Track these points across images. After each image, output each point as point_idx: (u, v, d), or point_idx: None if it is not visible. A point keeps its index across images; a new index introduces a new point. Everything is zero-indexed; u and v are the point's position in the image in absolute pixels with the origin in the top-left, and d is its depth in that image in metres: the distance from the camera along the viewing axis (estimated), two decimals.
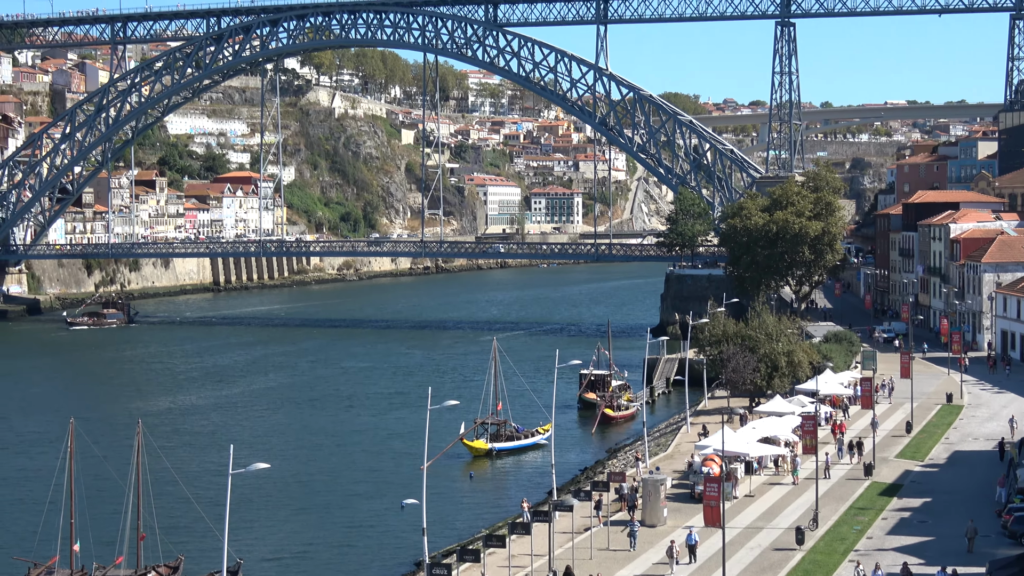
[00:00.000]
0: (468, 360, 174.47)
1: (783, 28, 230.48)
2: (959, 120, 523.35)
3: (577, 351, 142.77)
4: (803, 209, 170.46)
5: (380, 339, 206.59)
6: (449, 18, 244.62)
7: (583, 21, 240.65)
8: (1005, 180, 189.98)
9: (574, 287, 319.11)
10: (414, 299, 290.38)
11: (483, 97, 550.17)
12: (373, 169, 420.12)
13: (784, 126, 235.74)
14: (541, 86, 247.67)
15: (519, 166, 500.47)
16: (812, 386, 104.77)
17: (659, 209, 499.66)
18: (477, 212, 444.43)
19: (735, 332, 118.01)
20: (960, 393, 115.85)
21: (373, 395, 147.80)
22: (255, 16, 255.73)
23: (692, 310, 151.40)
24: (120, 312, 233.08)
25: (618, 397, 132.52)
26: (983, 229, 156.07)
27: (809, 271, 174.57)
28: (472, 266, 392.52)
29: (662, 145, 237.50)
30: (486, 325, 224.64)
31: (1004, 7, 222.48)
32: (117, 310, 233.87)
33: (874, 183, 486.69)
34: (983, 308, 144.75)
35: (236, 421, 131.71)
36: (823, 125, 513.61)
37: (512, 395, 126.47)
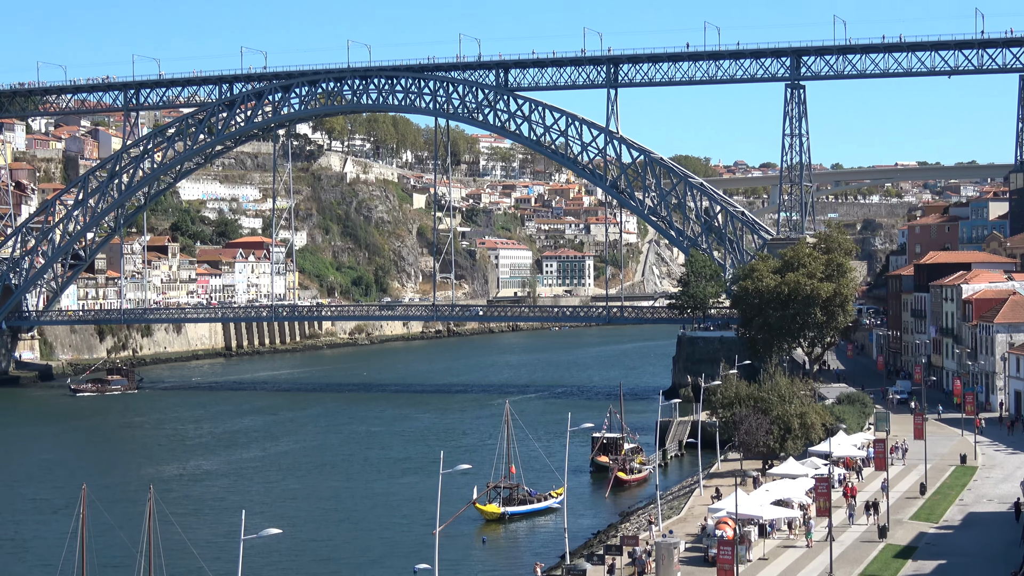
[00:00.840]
0: (480, 424, 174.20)
1: (793, 90, 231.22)
2: (970, 181, 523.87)
3: (589, 414, 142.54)
4: (815, 271, 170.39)
5: (392, 403, 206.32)
6: (460, 83, 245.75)
7: (593, 85, 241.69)
8: (1016, 240, 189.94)
9: (586, 350, 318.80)
10: (426, 363, 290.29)
11: (494, 161, 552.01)
12: (385, 233, 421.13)
13: (795, 188, 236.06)
14: (552, 149, 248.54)
15: (530, 229, 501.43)
16: (825, 448, 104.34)
17: (671, 271, 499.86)
18: (488, 275, 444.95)
19: (747, 394, 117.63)
20: (974, 454, 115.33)
21: (385, 459, 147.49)
22: (267, 82, 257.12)
23: (704, 372, 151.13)
24: (125, 379, 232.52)
25: (631, 460, 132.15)
26: (995, 290, 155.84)
27: (821, 332, 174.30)
28: (484, 329, 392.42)
29: (673, 207, 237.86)
30: (498, 388, 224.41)
31: (1013, 68, 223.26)
32: (122, 376, 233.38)
33: (885, 244, 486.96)
34: (996, 368, 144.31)
35: (247, 486, 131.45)
36: (834, 186, 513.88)
37: (524, 459, 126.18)
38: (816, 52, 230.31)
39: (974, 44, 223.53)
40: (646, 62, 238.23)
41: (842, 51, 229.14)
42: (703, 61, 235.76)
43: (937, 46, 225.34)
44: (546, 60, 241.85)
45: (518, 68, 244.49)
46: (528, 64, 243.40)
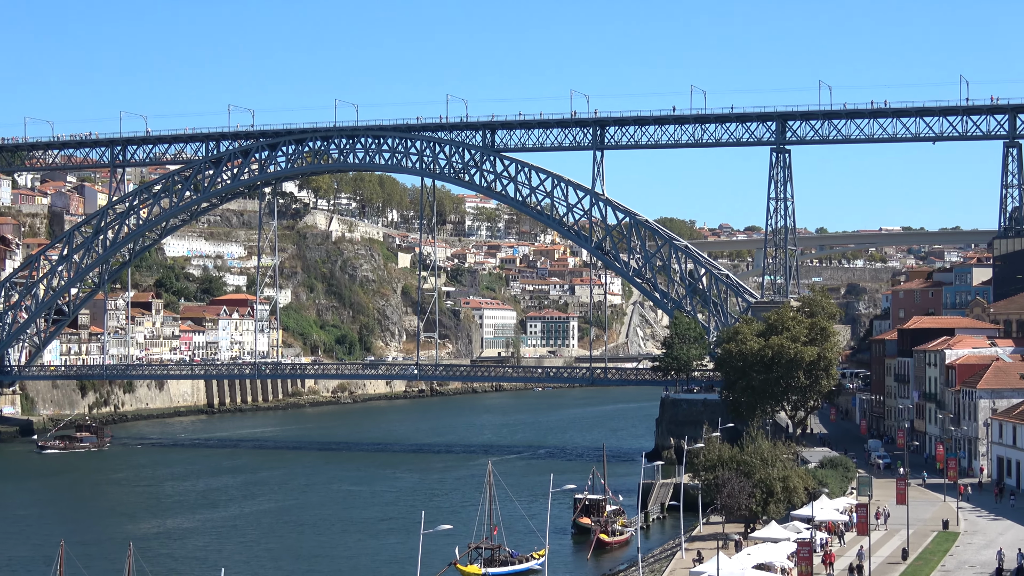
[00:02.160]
0: (462, 484, 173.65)
1: (778, 155, 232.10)
2: (954, 246, 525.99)
3: (572, 475, 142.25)
4: (798, 334, 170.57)
5: (373, 462, 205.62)
6: (447, 143, 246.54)
7: (580, 147, 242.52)
8: (1000, 306, 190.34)
9: (569, 411, 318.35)
10: (408, 422, 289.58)
11: (480, 221, 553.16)
12: (369, 292, 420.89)
13: (779, 251, 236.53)
14: (538, 210, 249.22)
15: (515, 289, 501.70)
16: (808, 512, 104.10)
17: (655, 333, 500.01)
18: (472, 335, 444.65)
19: (730, 457, 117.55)
20: (957, 520, 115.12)
21: (366, 519, 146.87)
22: (254, 140, 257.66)
23: (687, 434, 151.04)
24: (94, 436, 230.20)
25: (613, 522, 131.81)
26: (978, 355, 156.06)
27: (804, 396, 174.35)
28: (467, 389, 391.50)
29: (658, 270, 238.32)
30: (480, 449, 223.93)
31: (997, 135, 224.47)
32: (91, 433, 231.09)
33: (869, 308, 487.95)
34: (979, 434, 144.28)
35: (226, 545, 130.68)
36: (818, 250, 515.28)
37: (506, 519, 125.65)
38: (802, 116, 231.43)
39: (959, 111, 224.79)
40: (632, 124, 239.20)
41: (827, 116, 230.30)
42: (689, 124, 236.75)
43: (922, 112, 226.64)
44: (533, 122, 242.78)
45: (505, 129, 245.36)
46: (515, 125, 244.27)
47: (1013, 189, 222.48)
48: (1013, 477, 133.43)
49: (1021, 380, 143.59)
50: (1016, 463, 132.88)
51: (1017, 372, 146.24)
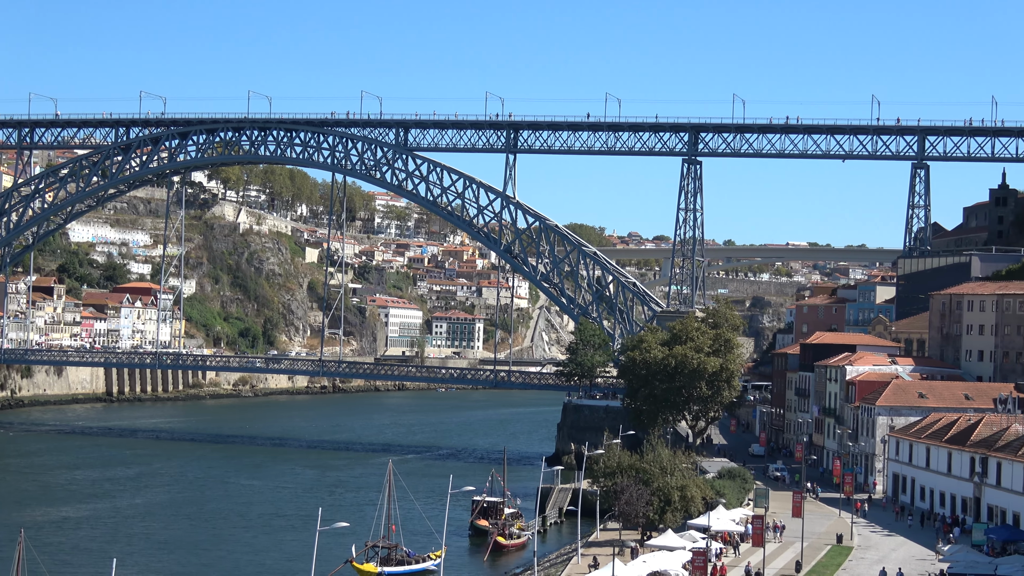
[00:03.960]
0: (362, 482, 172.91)
1: (689, 166, 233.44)
2: (859, 264, 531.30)
3: (471, 477, 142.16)
4: (702, 345, 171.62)
5: (273, 457, 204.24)
6: (359, 139, 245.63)
7: (493, 149, 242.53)
8: (902, 325, 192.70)
9: (472, 412, 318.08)
10: (309, 418, 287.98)
11: (389, 219, 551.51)
12: (275, 286, 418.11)
13: (687, 262, 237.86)
14: (448, 211, 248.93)
15: (422, 289, 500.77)
16: (704, 521, 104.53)
17: (560, 338, 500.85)
18: (377, 333, 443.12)
19: (630, 464, 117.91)
20: (851, 534, 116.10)
21: (262, 514, 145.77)
22: (164, 128, 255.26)
23: (588, 441, 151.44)
24: None
25: (510, 525, 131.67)
26: (879, 372, 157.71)
27: (706, 407, 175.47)
28: (370, 387, 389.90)
29: (565, 275, 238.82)
30: (381, 447, 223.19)
31: (906, 156, 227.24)
32: None
33: (773, 322, 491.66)
34: (876, 451, 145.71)
35: (119, 536, 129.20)
36: (725, 263, 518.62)
37: (405, 519, 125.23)
38: (714, 129, 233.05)
39: (869, 130, 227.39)
40: (546, 129, 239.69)
41: (740, 129, 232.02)
42: (603, 131, 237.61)
43: (833, 130, 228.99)
44: (447, 122, 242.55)
45: (418, 128, 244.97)
46: (428, 125, 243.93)
47: (919, 209, 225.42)
48: (908, 494, 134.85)
49: (920, 398, 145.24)
50: (911, 480, 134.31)
51: (916, 390, 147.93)
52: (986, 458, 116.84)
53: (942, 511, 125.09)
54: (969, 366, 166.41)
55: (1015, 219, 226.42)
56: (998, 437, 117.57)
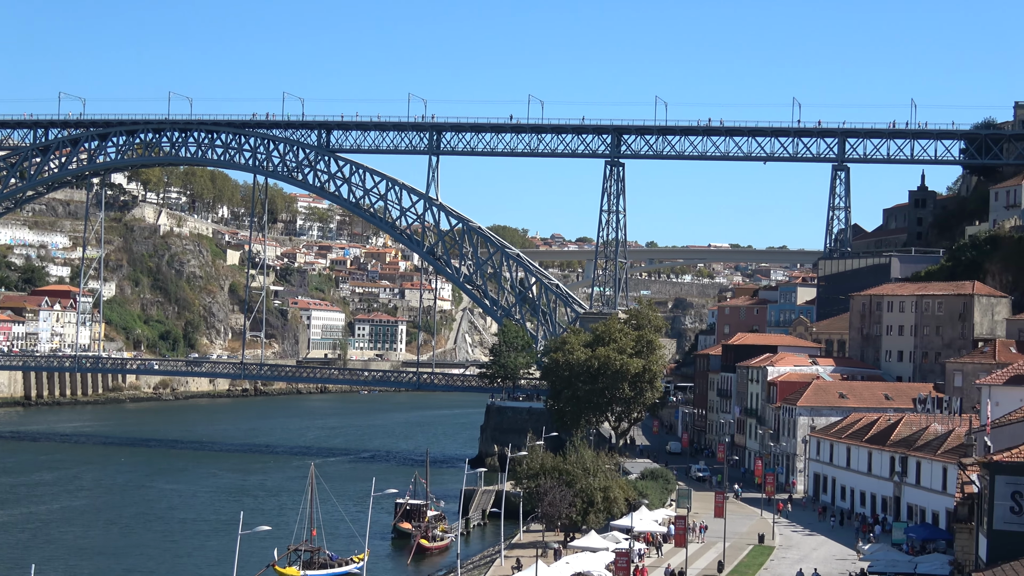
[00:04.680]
0: (284, 485, 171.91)
1: (612, 168, 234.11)
2: (780, 265, 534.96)
3: (394, 480, 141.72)
4: (625, 346, 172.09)
5: (194, 461, 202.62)
6: (281, 141, 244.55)
7: (415, 151, 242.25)
8: (822, 326, 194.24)
9: (395, 415, 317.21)
10: (231, 421, 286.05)
11: (312, 221, 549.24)
12: (196, 288, 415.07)
13: (609, 263, 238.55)
14: (370, 213, 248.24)
15: (344, 291, 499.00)
16: (627, 522, 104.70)
17: (483, 340, 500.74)
18: (300, 336, 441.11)
19: (553, 466, 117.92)
20: (772, 534, 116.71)
21: (184, 518, 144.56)
22: (84, 129, 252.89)
23: (511, 442, 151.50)
24: None
25: (433, 527, 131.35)
26: (799, 373, 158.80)
27: (628, 408, 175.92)
28: (292, 390, 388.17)
29: (488, 277, 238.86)
30: (303, 450, 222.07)
31: (827, 158, 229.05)
32: None
33: (695, 323, 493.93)
34: (797, 451, 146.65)
35: (38, 542, 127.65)
36: (648, 264, 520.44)
37: (327, 522, 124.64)
38: (637, 131, 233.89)
39: (790, 132, 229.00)
40: (469, 131, 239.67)
41: (662, 131, 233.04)
42: (526, 133, 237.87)
43: (754, 132, 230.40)
44: (369, 123, 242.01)
45: (341, 129, 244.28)
46: (351, 126, 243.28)
47: (840, 211, 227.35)
48: (828, 493, 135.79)
49: (840, 399, 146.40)
50: (832, 480, 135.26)
51: (836, 391, 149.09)
52: (906, 457, 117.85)
53: (862, 510, 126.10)
54: (889, 366, 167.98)
55: (934, 220, 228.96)
56: (917, 437, 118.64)
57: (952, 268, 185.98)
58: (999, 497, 61.52)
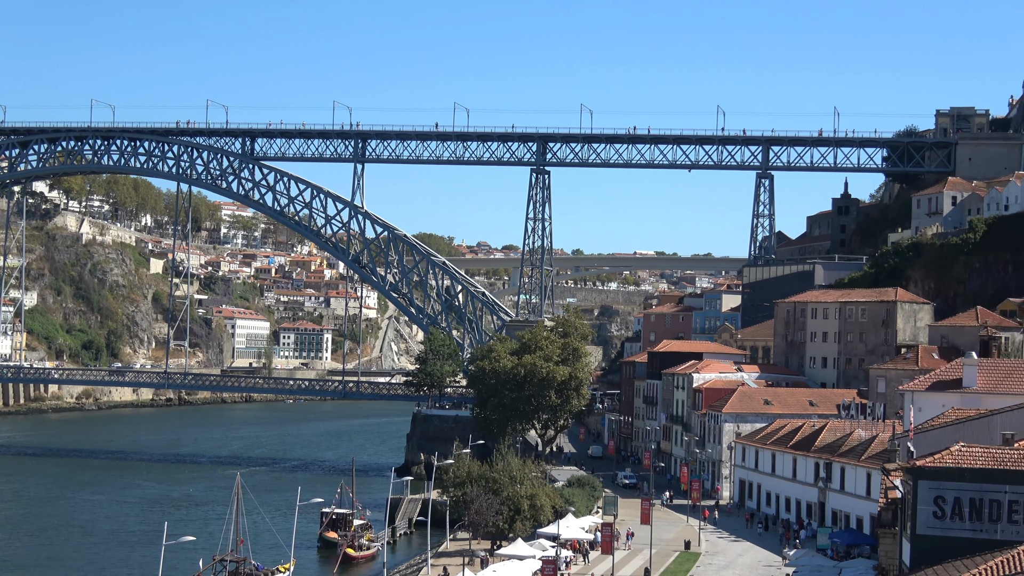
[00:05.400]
0: (209, 495, 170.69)
1: (538, 175, 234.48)
2: (705, 272, 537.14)
3: (320, 489, 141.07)
4: (551, 354, 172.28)
5: (117, 471, 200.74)
6: (205, 148, 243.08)
7: (341, 159, 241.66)
8: (747, 333, 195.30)
9: (320, 424, 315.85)
10: (155, 431, 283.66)
11: (236, 229, 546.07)
12: (119, 297, 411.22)
13: (535, 271, 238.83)
14: (295, 221, 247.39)
15: (269, 300, 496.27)
16: (554, 530, 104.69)
17: (409, 348, 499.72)
18: (224, 344, 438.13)
19: (479, 474, 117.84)
20: (698, 540, 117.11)
21: (107, 529, 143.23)
22: (4, 137, 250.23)
23: (437, 451, 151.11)
24: None
25: (359, 536, 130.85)
26: (725, 380, 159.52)
27: (555, 415, 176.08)
28: (216, 399, 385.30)
29: (414, 285, 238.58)
30: (228, 460, 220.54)
31: (751, 166, 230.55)
32: None
33: (621, 331, 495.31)
34: (723, 457, 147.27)
35: None
36: (574, 272, 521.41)
37: (253, 532, 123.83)
38: (562, 139, 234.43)
39: (715, 140, 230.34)
40: (394, 139, 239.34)
41: (587, 139, 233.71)
42: (451, 141, 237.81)
43: (679, 140, 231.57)
44: (294, 131, 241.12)
45: (265, 137, 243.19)
46: (275, 134, 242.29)
47: (764, 219, 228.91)
48: (754, 499, 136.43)
49: (765, 405, 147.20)
50: (757, 486, 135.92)
51: (761, 397, 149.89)
52: (830, 463, 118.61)
53: (787, 516, 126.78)
54: (813, 373, 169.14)
55: (857, 228, 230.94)
56: (841, 443, 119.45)
57: (875, 275, 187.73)
58: (922, 502, 61.93)
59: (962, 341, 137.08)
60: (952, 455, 63.15)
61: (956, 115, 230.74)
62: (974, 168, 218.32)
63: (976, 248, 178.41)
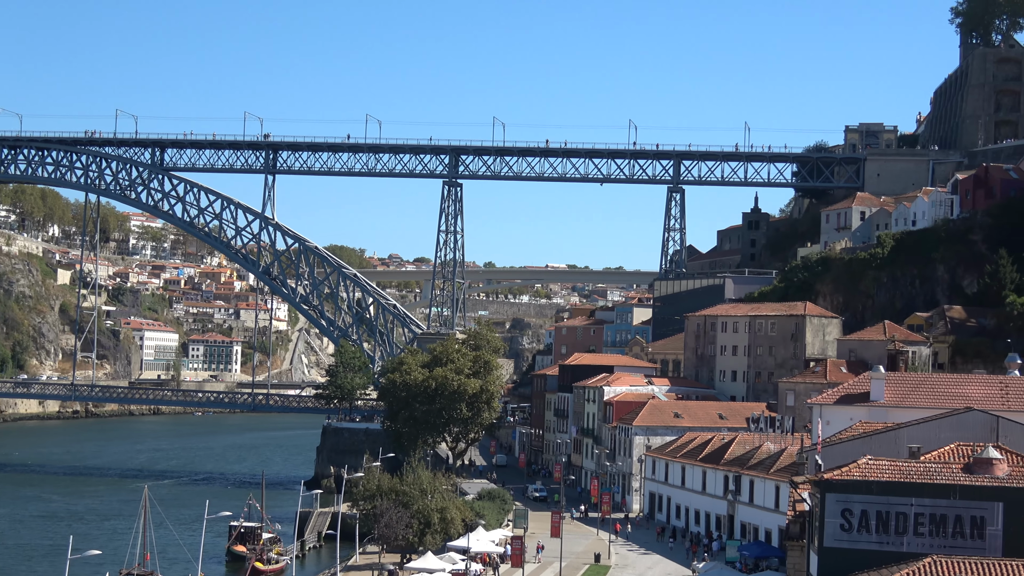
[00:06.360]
0: (115, 509, 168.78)
1: (450, 188, 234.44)
2: (616, 286, 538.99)
3: (229, 502, 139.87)
4: (462, 367, 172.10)
5: (21, 484, 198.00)
6: (114, 159, 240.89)
7: (251, 170, 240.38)
8: (658, 346, 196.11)
9: (229, 437, 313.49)
10: (61, 443, 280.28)
11: (145, 240, 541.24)
12: (25, 308, 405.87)
13: (447, 284, 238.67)
14: (205, 232, 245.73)
15: (178, 312, 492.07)
16: (464, 543, 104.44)
17: (319, 361, 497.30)
18: (132, 356, 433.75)
19: (389, 487, 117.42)
20: (608, 553, 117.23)
21: (9, 544, 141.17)
22: None
23: (348, 464, 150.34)
24: None
25: (268, 550, 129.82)
26: (635, 393, 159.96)
27: (466, 428, 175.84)
28: (124, 412, 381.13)
29: (325, 297, 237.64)
30: (136, 473, 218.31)
31: (662, 180, 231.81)
32: None
33: (533, 343, 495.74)
34: (633, 470, 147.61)
35: None
36: (485, 285, 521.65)
37: (160, 545, 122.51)
38: (475, 152, 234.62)
39: (626, 154, 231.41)
40: (306, 150, 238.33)
41: (500, 152, 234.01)
42: (363, 153, 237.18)
43: (592, 154, 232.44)
44: (204, 142, 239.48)
45: (175, 148, 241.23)
46: (185, 144, 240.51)
47: (675, 232, 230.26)
48: (664, 512, 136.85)
49: (675, 418, 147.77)
50: (667, 498, 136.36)
51: (671, 410, 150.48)
52: (739, 476, 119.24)
53: (697, 529, 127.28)
54: (723, 386, 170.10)
55: (767, 242, 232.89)
56: (751, 456, 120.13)
57: (784, 289, 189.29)
58: (829, 515, 62.36)
59: (870, 355, 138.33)
60: (859, 468, 63.62)
61: (865, 131, 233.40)
62: (882, 183, 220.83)
63: (884, 263, 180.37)
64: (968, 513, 61.18)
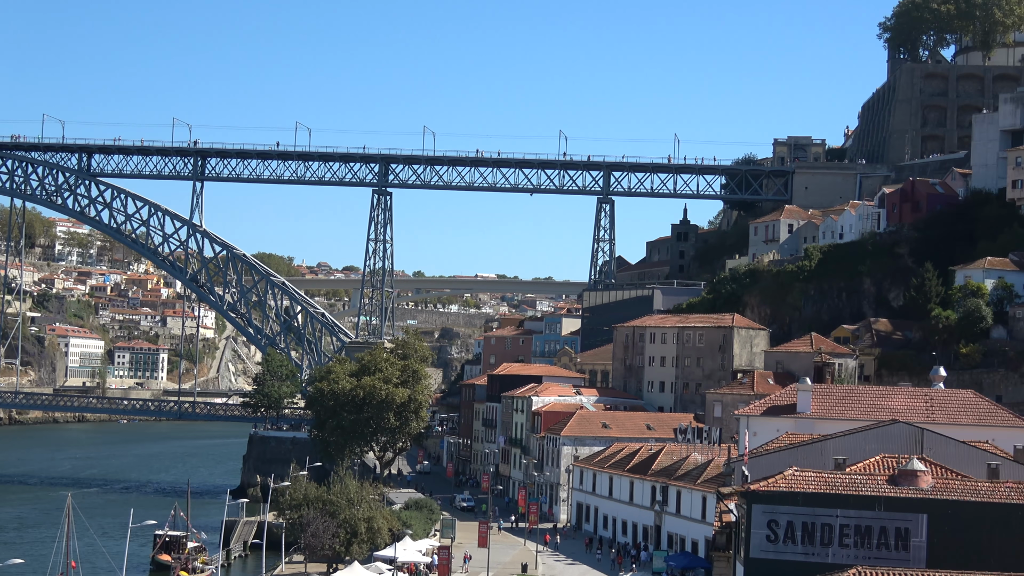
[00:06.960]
0: (38, 517, 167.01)
1: (380, 197, 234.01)
2: (546, 296, 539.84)
3: (153, 511, 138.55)
4: (391, 376, 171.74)
5: None
6: (40, 164, 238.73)
7: (179, 176, 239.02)
8: (586, 356, 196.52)
9: (155, 445, 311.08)
10: None
11: (71, 246, 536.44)
12: None
13: (376, 293, 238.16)
14: (132, 238, 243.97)
15: (104, 318, 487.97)
16: (391, 553, 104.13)
17: (247, 369, 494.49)
18: (57, 363, 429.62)
19: (316, 496, 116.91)
20: (535, 563, 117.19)
21: None
22: None
23: (274, 472, 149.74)
24: None
25: (193, 559, 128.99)
26: (564, 403, 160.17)
27: (394, 437, 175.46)
28: (48, 419, 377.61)
29: (253, 305, 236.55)
30: (59, 481, 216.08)
31: (592, 191, 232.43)
32: None
33: (462, 353, 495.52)
34: (561, 480, 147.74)
35: None
36: (415, 294, 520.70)
37: (84, 554, 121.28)
38: (405, 160, 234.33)
39: (557, 165, 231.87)
40: (235, 157, 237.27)
41: (430, 161, 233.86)
42: (292, 161, 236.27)
43: (522, 164, 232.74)
44: (132, 148, 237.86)
45: (102, 153, 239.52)
46: (113, 150, 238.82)
47: (604, 243, 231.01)
48: (591, 523, 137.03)
49: (603, 428, 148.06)
50: (595, 509, 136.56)
51: (599, 421, 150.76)
52: (666, 487, 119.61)
53: (624, 539, 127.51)
54: (651, 397, 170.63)
55: (696, 254, 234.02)
56: (678, 466, 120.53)
57: (713, 300, 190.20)
58: (756, 526, 62.62)
59: (797, 367, 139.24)
60: (785, 479, 63.93)
61: (793, 144, 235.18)
62: (810, 197, 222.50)
63: (811, 275, 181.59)
64: (893, 525, 61.59)
